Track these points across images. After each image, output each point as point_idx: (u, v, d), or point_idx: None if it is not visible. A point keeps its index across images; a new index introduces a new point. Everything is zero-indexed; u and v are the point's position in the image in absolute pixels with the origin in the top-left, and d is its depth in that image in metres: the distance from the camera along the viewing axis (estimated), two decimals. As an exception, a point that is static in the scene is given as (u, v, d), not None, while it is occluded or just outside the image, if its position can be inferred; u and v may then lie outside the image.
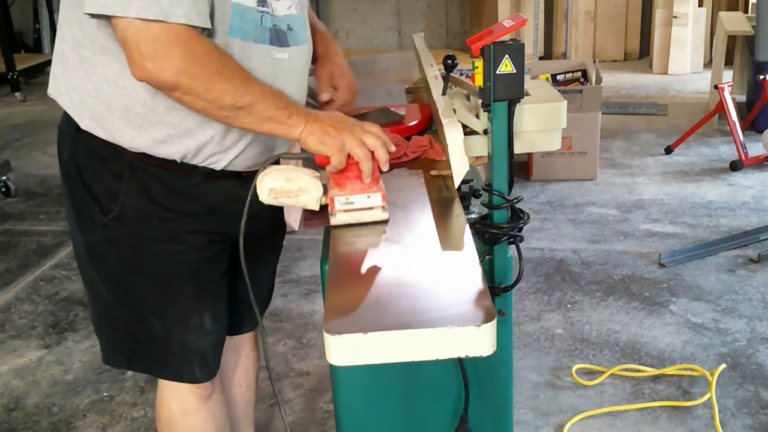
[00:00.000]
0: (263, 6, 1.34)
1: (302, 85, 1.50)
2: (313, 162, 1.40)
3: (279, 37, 1.39)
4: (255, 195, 1.42)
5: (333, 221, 1.33)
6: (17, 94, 6.38)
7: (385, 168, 1.35)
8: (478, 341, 1.00)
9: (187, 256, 1.49)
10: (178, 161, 1.41)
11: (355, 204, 1.32)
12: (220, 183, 1.48)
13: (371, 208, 1.33)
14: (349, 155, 1.33)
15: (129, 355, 1.60)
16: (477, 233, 1.37)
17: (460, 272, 1.14)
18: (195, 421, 1.67)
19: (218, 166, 1.44)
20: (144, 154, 1.40)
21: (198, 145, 1.40)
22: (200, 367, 1.60)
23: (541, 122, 1.45)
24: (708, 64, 6.06)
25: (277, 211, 1.68)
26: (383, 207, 1.33)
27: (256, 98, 1.29)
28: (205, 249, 1.52)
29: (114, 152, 1.41)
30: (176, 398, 1.65)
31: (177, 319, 1.54)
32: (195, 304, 1.55)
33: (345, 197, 1.32)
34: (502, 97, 1.32)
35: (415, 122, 1.73)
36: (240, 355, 1.86)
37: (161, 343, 1.56)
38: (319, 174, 1.37)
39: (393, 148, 1.38)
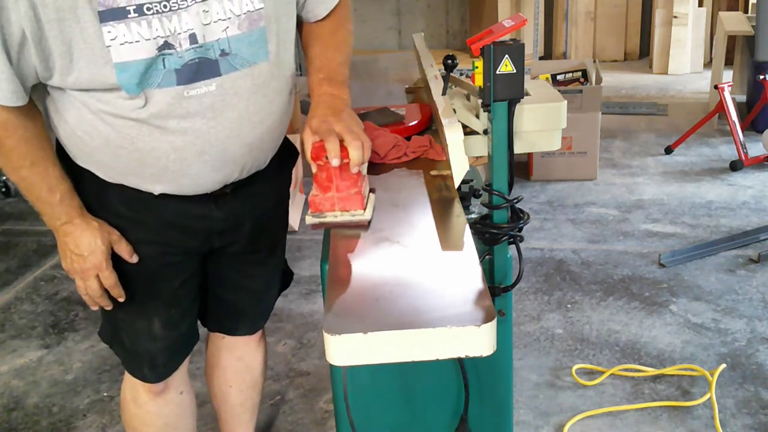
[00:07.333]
0: (165, 49, 1.25)
1: (255, 108, 1.39)
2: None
3: (199, 71, 1.29)
4: (228, 212, 1.49)
5: (308, 220, 1.34)
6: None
7: (354, 170, 1.32)
8: (478, 341, 1.00)
9: (128, 265, 1.49)
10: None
11: (329, 218, 1.34)
12: (175, 200, 1.45)
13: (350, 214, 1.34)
14: (324, 155, 1.32)
15: (112, 336, 1.65)
16: (477, 233, 1.37)
17: (460, 272, 1.14)
18: (141, 412, 1.72)
19: (155, 192, 1.44)
20: None
21: (114, 174, 1.43)
22: (149, 369, 1.64)
23: (541, 122, 1.45)
24: (708, 64, 6.06)
25: (259, 230, 1.63)
26: (362, 212, 1.33)
27: (21, 183, 1.37)
28: (155, 259, 1.52)
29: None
30: (130, 386, 1.71)
31: (122, 320, 1.59)
32: (140, 310, 1.57)
33: (321, 213, 1.33)
34: (502, 97, 1.32)
35: (415, 122, 1.73)
36: (231, 356, 1.87)
37: (120, 337, 1.63)
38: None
39: (367, 154, 1.35)
